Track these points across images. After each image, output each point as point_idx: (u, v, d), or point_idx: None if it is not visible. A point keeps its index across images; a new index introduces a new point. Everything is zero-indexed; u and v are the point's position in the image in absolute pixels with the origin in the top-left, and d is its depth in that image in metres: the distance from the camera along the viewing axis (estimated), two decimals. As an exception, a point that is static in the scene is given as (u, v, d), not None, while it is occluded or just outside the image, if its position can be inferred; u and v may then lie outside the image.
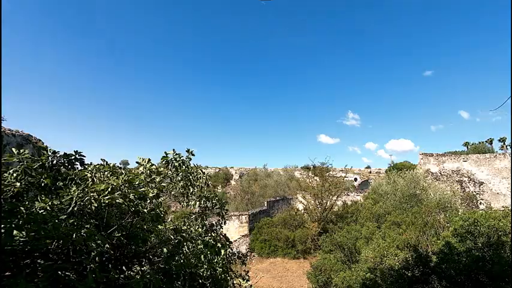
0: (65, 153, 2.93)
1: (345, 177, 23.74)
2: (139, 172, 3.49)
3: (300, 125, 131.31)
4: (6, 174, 2.43)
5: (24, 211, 1.95)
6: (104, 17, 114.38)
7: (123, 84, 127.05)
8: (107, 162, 3.19)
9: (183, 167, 3.82)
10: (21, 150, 2.58)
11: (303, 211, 20.94)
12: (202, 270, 2.71)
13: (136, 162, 3.67)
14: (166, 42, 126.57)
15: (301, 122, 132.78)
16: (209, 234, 4.07)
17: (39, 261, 1.83)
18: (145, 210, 2.71)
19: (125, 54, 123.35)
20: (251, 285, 3.31)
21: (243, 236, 19.35)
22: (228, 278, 3.03)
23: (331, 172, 21.44)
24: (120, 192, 2.47)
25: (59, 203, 2.27)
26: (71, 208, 2.27)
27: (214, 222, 4.54)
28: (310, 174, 22.10)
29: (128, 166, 51.53)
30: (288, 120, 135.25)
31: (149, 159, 3.63)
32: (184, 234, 3.10)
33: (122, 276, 2.15)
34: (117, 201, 2.37)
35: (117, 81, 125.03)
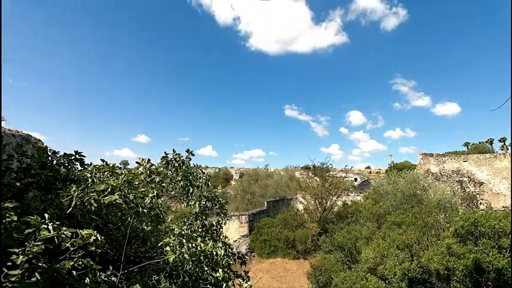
0: (65, 153, 2.93)
1: (345, 177, 23.80)
2: (139, 172, 3.49)
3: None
4: (6, 174, 2.43)
5: (24, 211, 1.95)
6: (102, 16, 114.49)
7: (123, 84, 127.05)
8: (106, 162, 3.19)
9: (183, 167, 3.81)
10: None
11: (303, 211, 20.96)
12: (201, 271, 2.71)
13: (136, 162, 3.67)
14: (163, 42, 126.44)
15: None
16: (209, 235, 4.06)
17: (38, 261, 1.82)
18: (145, 210, 2.70)
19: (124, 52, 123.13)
20: (251, 286, 3.30)
21: (243, 236, 19.35)
22: (229, 279, 3.03)
23: (331, 172, 21.45)
24: (120, 192, 2.47)
25: (59, 203, 2.27)
26: (70, 208, 2.27)
27: (214, 223, 4.52)
28: (310, 174, 22.14)
29: (128, 166, 51.68)
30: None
31: (149, 159, 3.63)
32: (185, 236, 3.10)
33: (121, 276, 2.15)
34: (117, 201, 2.37)
35: (116, 80, 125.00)
